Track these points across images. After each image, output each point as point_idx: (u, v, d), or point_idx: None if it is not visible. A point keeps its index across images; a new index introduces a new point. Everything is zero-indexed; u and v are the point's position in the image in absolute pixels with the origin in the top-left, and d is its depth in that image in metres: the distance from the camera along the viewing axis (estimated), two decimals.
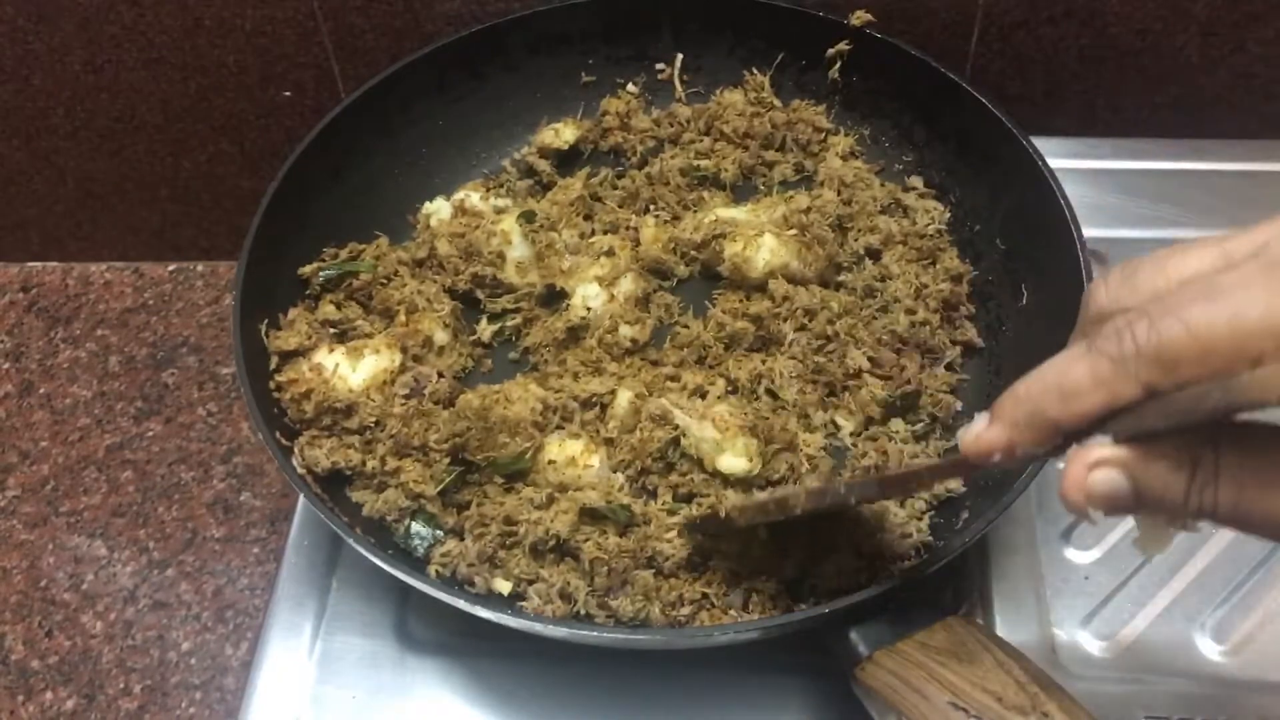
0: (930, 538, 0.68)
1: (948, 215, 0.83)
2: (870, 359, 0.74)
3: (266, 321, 0.75)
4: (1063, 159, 0.78)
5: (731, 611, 0.66)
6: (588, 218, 0.85)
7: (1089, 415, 0.41)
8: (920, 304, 0.77)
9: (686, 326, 0.79)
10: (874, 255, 0.81)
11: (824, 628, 0.61)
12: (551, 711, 0.69)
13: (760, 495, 0.69)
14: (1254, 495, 0.41)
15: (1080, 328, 0.45)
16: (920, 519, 0.69)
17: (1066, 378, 0.42)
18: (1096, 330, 0.41)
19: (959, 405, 0.75)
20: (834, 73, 0.88)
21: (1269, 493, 0.41)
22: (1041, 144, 0.76)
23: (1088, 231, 0.71)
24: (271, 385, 0.73)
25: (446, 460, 0.70)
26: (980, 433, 0.46)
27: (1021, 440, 0.45)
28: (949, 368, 0.76)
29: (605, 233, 0.84)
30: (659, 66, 0.92)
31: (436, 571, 0.68)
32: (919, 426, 0.74)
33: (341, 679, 0.71)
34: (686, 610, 0.66)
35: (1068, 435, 0.43)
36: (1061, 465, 0.44)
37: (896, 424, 0.73)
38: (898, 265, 0.79)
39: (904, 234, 0.81)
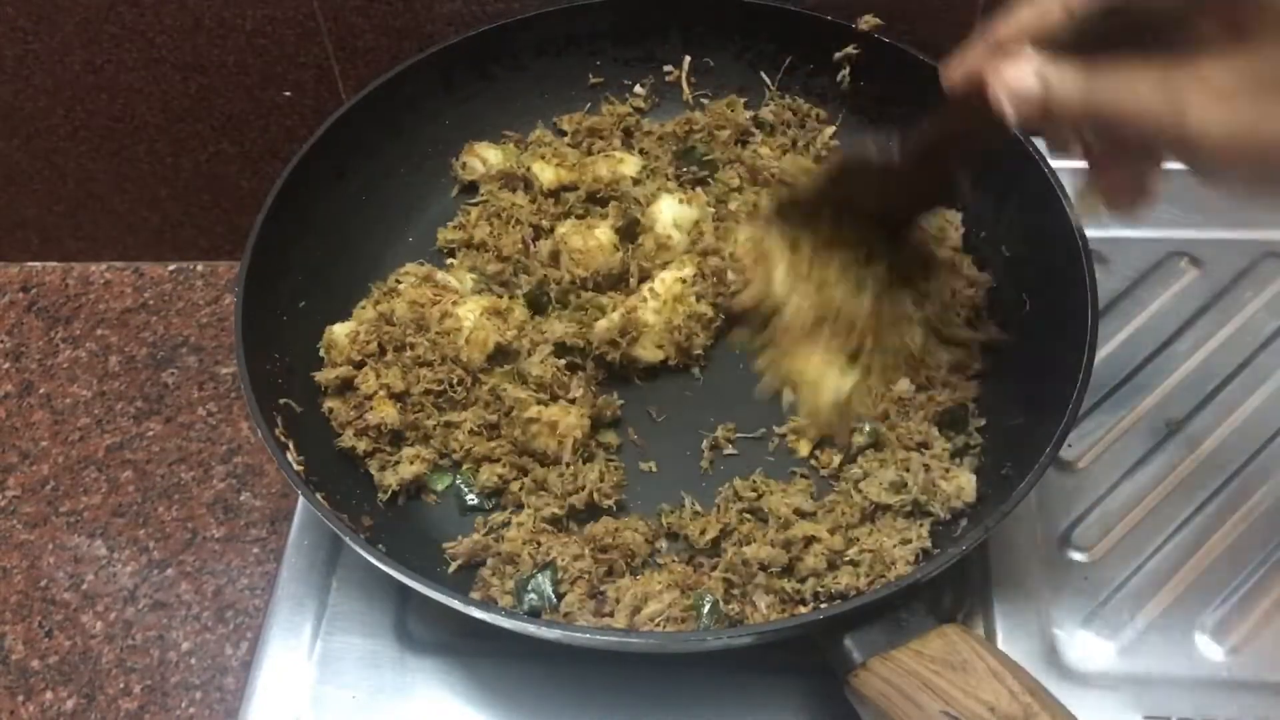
0: (929, 544, 0.68)
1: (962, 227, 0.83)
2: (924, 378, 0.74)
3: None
4: (1063, 159, 0.78)
5: (731, 611, 0.67)
6: None
7: (1017, 30, 0.50)
8: (953, 314, 0.77)
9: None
10: None
11: (819, 634, 0.61)
12: (551, 711, 0.69)
13: None
14: (1116, 85, 0.48)
15: None
16: (921, 525, 0.69)
17: (1012, 7, 0.51)
18: None
19: (982, 421, 0.74)
20: (843, 77, 0.88)
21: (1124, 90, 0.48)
22: (1041, 143, 0.77)
23: (1089, 232, 0.71)
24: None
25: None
26: (946, 72, 0.55)
27: (970, 64, 0.53)
28: (974, 376, 0.76)
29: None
30: (667, 68, 0.92)
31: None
32: (957, 441, 0.73)
33: (341, 679, 0.71)
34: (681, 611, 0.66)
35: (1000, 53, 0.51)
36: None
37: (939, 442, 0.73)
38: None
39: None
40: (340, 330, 0.78)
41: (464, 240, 0.85)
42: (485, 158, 0.88)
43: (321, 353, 0.78)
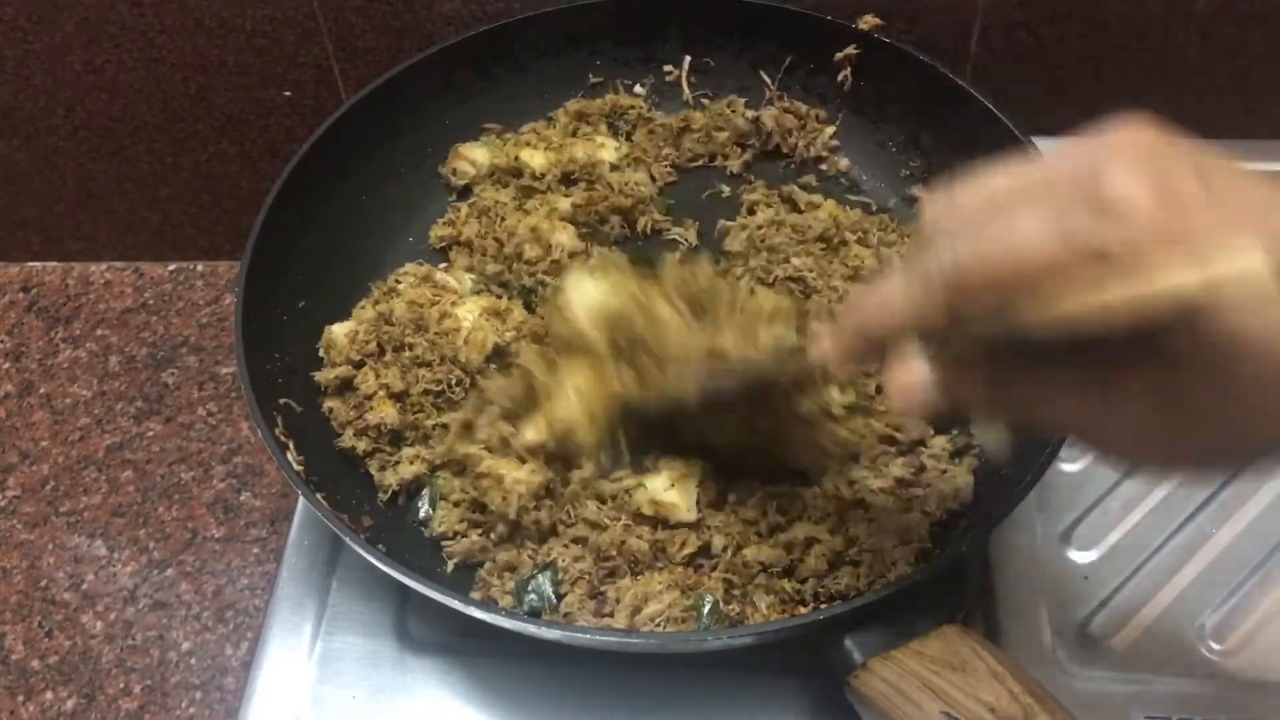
0: (930, 544, 0.68)
1: None
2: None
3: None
4: None
5: (731, 611, 0.67)
6: None
7: (901, 330, 0.46)
8: None
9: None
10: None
11: (819, 634, 0.61)
12: (551, 711, 0.69)
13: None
14: (1026, 406, 0.46)
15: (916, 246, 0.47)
16: (920, 525, 0.69)
17: (884, 296, 0.45)
18: (920, 251, 0.44)
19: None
20: (843, 77, 0.88)
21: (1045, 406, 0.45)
22: (1042, 144, 0.77)
23: None
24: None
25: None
26: (818, 342, 0.51)
27: (848, 345, 0.49)
28: None
29: None
30: (667, 68, 0.92)
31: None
32: (957, 441, 0.73)
33: (341, 679, 0.71)
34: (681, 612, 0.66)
35: (882, 345, 0.47)
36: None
37: (937, 440, 0.73)
38: None
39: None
40: (339, 330, 0.78)
41: (453, 237, 0.85)
42: (473, 158, 0.88)
43: (321, 353, 0.78)
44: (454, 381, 0.75)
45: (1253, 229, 0.38)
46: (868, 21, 0.85)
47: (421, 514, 0.72)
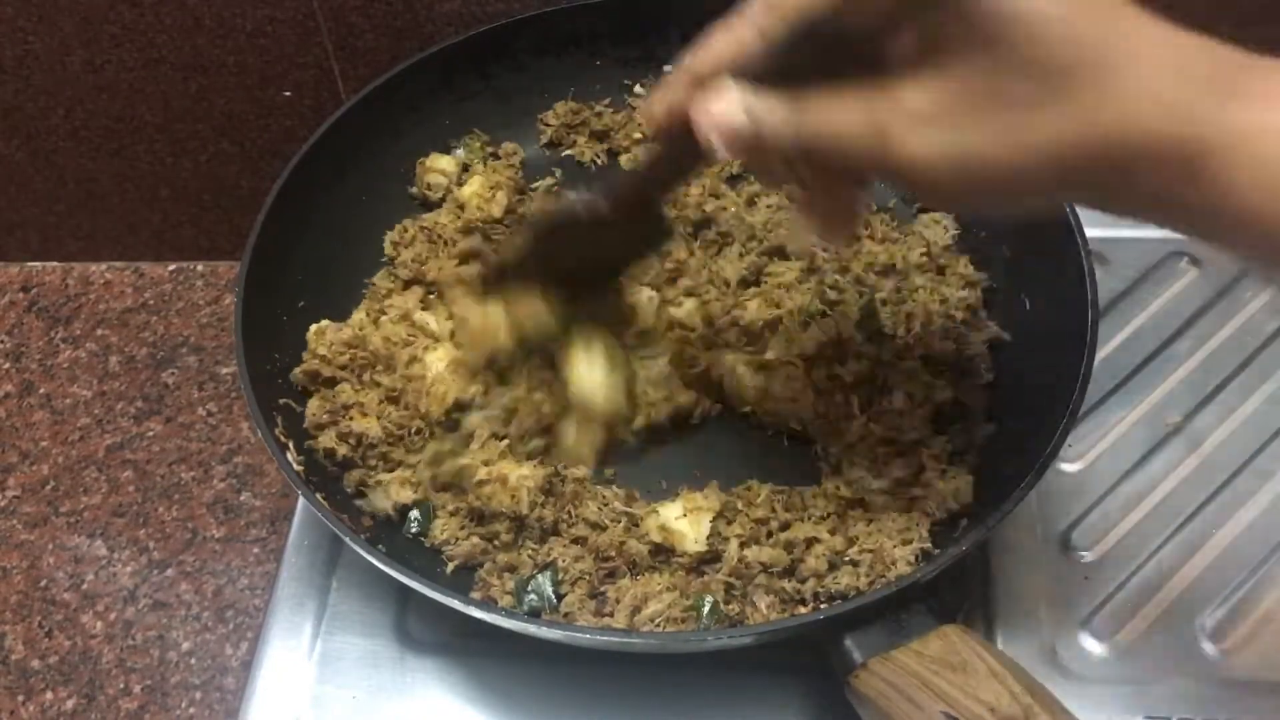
0: (930, 544, 0.68)
1: (956, 229, 0.83)
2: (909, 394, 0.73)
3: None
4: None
5: (731, 611, 0.67)
6: None
7: (716, 62, 0.49)
8: (947, 319, 0.76)
9: None
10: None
11: (819, 634, 0.61)
12: (551, 711, 0.69)
13: None
14: (821, 115, 0.46)
15: None
16: (920, 525, 0.69)
17: (707, 42, 0.50)
18: None
19: (992, 427, 0.74)
20: None
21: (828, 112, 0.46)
22: None
23: (1089, 232, 0.71)
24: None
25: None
26: (645, 108, 0.55)
27: (671, 99, 0.52)
28: (981, 385, 0.75)
29: None
30: (667, 69, 0.92)
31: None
32: (957, 441, 0.73)
33: (341, 679, 0.71)
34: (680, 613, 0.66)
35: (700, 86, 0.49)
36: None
37: (937, 440, 0.73)
38: (920, 289, 0.78)
39: (918, 259, 0.80)
40: (326, 328, 0.78)
41: (392, 258, 0.84)
42: (442, 168, 0.87)
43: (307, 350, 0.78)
44: (414, 430, 0.74)
45: None
46: None
47: (415, 529, 0.71)
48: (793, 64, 0.47)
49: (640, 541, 0.69)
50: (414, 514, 0.71)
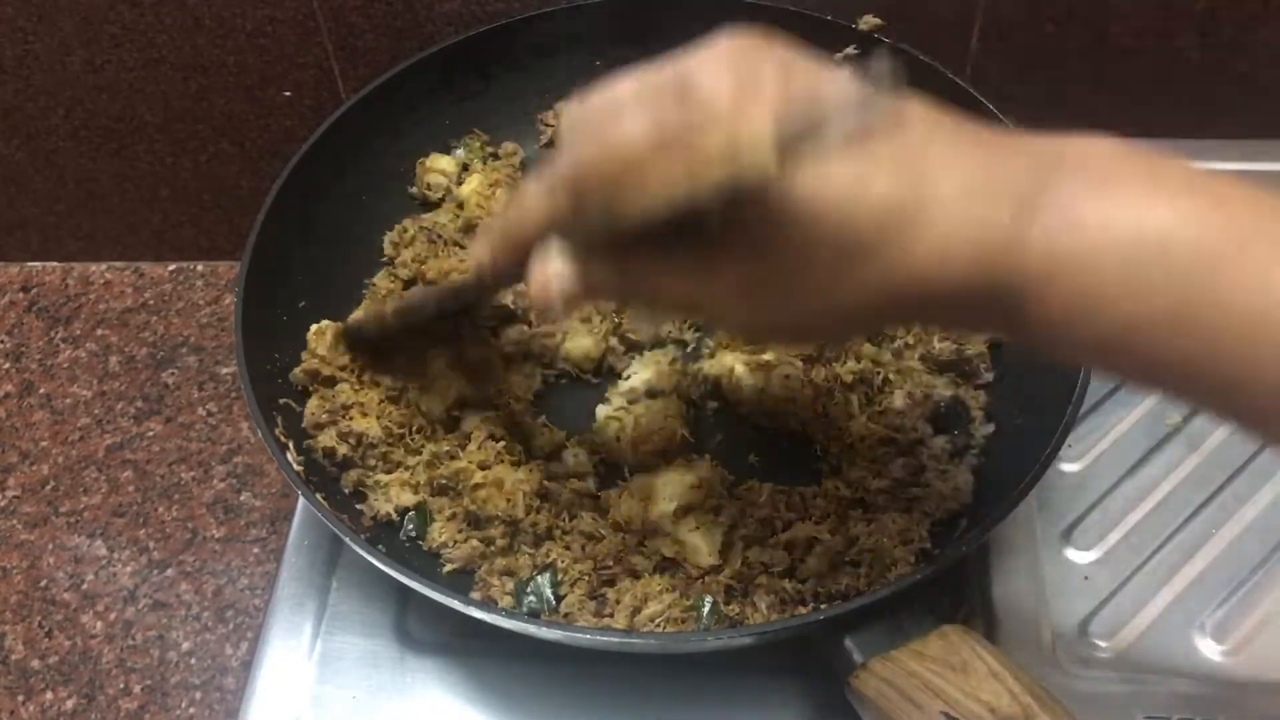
0: (929, 544, 0.68)
1: None
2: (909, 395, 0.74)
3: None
4: None
5: (731, 611, 0.67)
6: None
7: (536, 230, 0.49)
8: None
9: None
10: None
11: (819, 634, 0.61)
12: (551, 711, 0.69)
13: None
14: (646, 285, 0.49)
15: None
16: (920, 525, 0.69)
17: (521, 202, 0.50)
18: (554, 155, 0.48)
19: (991, 427, 0.74)
20: None
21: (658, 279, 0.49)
22: None
23: None
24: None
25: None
26: (475, 254, 0.55)
27: (496, 254, 0.53)
28: (980, 385, 0.75)
29: None
30: None
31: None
32: (957, 441, 0.73)
33: (341, 679, 0.71)
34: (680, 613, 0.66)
35: (525, 246, 0.50)
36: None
37: (937, 441, 0.73)
38: None
39: None
40: (326, 328, 0.78)
41: (392, 258, 0.84)
42: (442, 168, 0.87)
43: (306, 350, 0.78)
44: (415, 428, 0.74)
45: (772, 100, 0.41)
46: (868, 22, 0.85)
47: (413, 531, 0.71)
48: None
49: (648, 557, 0.69)
50: (410, 515, 0.71)
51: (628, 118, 0.43)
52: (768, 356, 0.75)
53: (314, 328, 0.78)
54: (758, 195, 0.42)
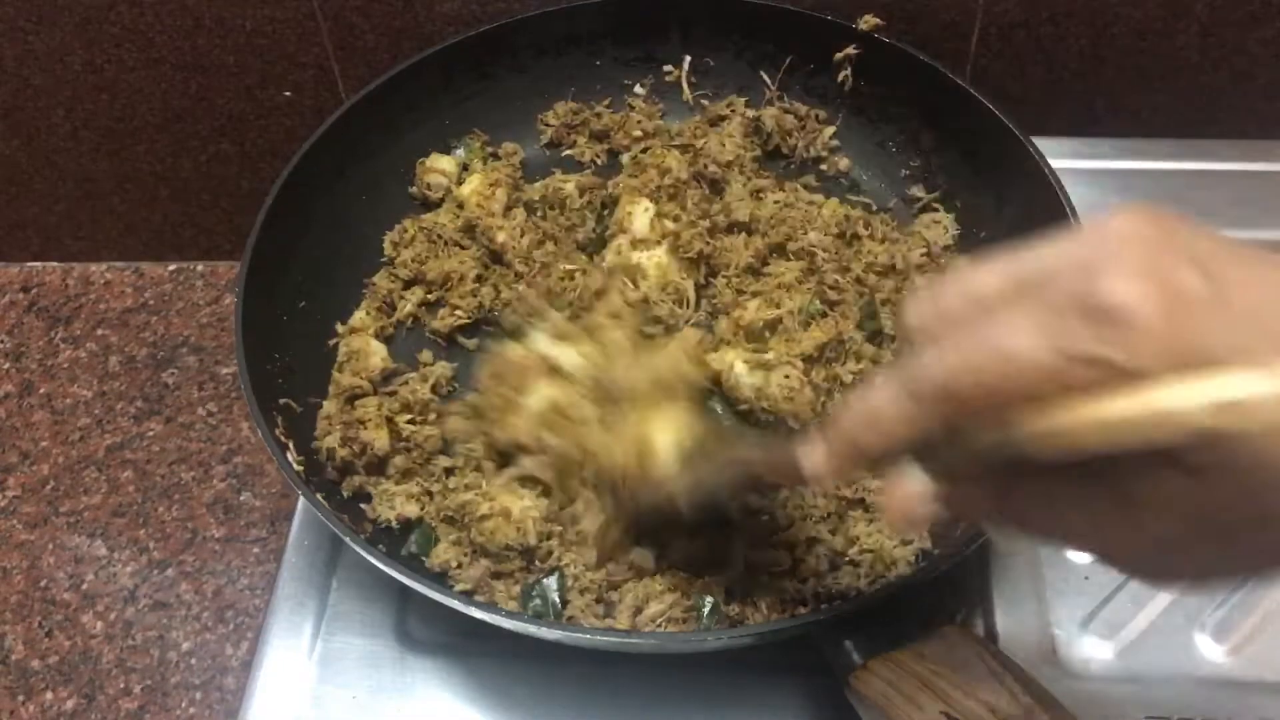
0: (929, 544, 0.68)
1: (956, 229, 0.83)
2: None
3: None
4: (1063, 159, 0.78)
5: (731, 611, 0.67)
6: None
7: (895, 446, 0.41)
8: None
9: None
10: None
11: (819, 634, 0.61)
12: (551, 711, 0.69)
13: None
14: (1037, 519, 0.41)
15: (900, 349, 0.44)
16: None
17: (874, 409, 0.41)
18: (906, 356, 0.40)
19: None
20: (843, 77, 0.88)
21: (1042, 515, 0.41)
22: (1042, 144, 0.76)
23: None
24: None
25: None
26: (810, 455, 0.46)
27: (837, 462, 0.45)
28: None
29: None
30: (667, 68, 0.92)
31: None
32: None
33: (341, 679, 0.71)
34: (680, 613, 0.66)
35: (880, 460, 0.43)
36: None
37: None
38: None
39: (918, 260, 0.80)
40: (378, 348, 0.78)
41: (392, 258, 0.84)
42: (442, 169, 0.87)
43: (341, 354, 0.78)
44: (422, 437, 0.74)
45: (1262, 336, 0.35)
46: (868, 21, 0.85)
47: (414, 548, 0.71)
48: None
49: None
50: (413, 537, 0.71)
51: (1015, 325, 0.36)
52: (768, 356, 0.75)
53: (362, 340, 0.78)
54: (1223, 441, 0.34)
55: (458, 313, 0.80)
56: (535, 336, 0.75)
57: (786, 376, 0.74)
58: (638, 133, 0.90)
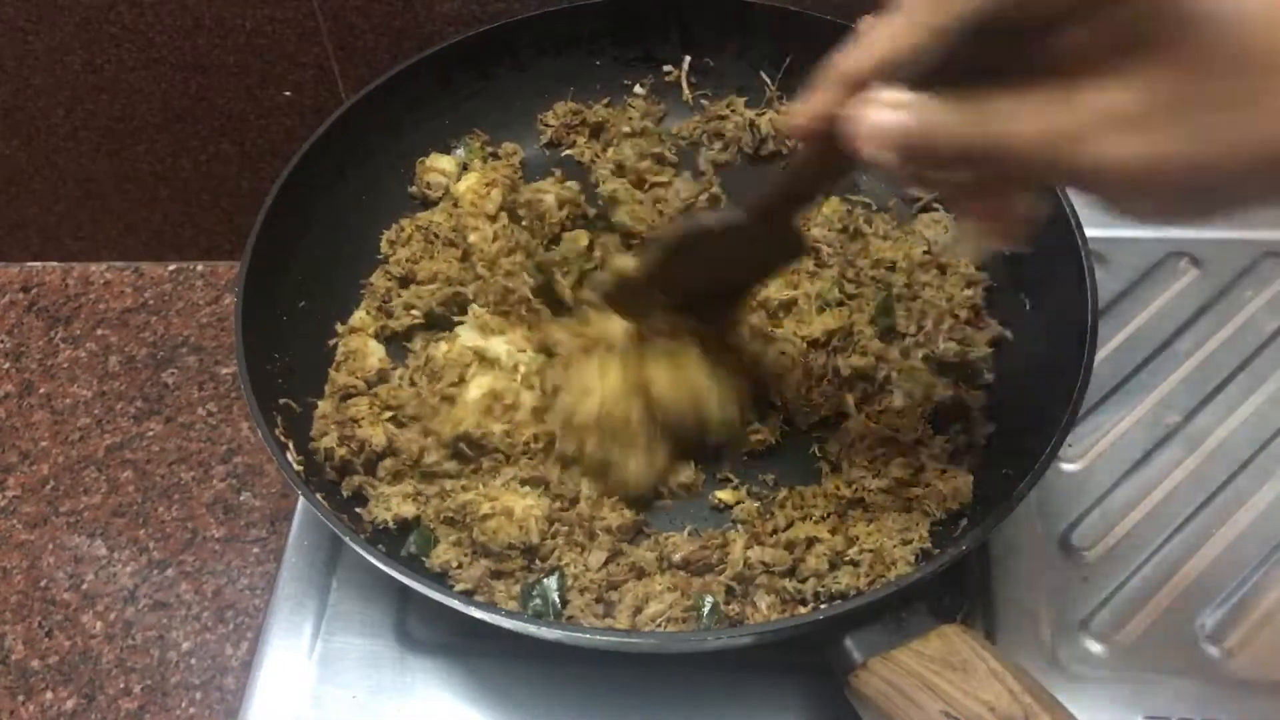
0: (929, 544, 0.68)
1: (956, 229, 0.82)
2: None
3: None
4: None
5: (731, 611, 0.67)
6: None
7: (876, 60, 0.44)
8: (951, 319, 0.76)
9: None
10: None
11: (819, 634, 0.61)
12: (551, 711, 0.69)
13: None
14: (1001, 121, 0.41)
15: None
16: (920, 525, 0.69)
17: (863, 31, 0.45)
18: None
19: (992, 427, 0.73)
20: None
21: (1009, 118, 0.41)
22: None
23: (1089, 231, 0.71)
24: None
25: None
26: (799, 105, 0.48)
27: (822, 97, 0.47)
28: (980, 385, 0.75)
29: None
30: (667, 68, 0.92)
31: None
32: (958, 441, 0.73)
33: (341, 679, 0.71)
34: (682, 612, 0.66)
35: (859, 84, 0.45)
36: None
37: (937, 440, 0.72)
38: (928, 285, 0.79)
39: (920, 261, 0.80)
40: (376, 348, 0.78)
41: (387, 256, 0.83)
42: (442, 168, 0.87)
43: (339, 353, 0.78)
44: (422, 433, 0.74)
45: None
46: (868, 22, 0.85)
47: (413, 549, 0.70)
48: (954, 65, 0.42)
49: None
50: (412, 538, 0.70)
51: None
52: (778, 331, 0.75)
53: (360, 341, 0.78)
54: None
55: (413, 312, 0.80)
56: (462, 331, 0.77)
57: (783, 353, 0.74)
58: (626, 129, 0.90)
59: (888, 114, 0.43)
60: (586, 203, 0.86)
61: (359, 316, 0.80)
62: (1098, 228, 0.73)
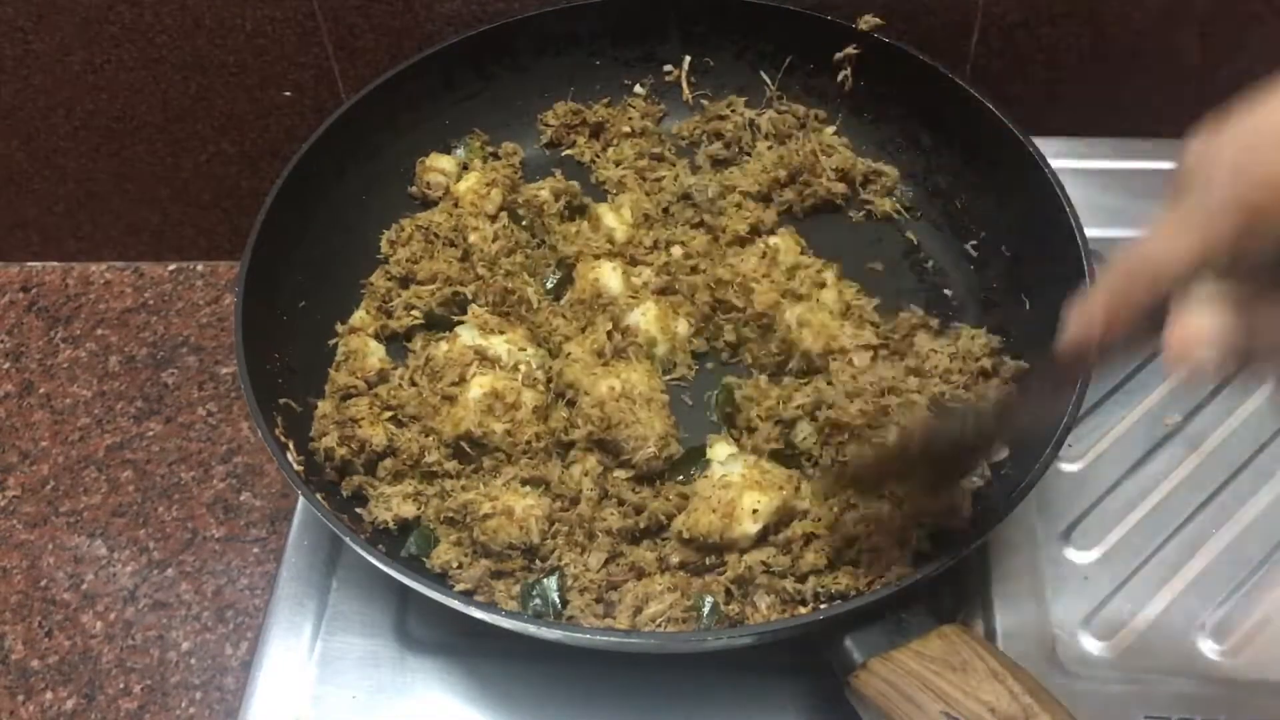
0: (929, 545, 0.68)
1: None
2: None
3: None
4: (1063, 159, 0.78)
5: (730, 611, 0.67)
6: None
7: (1183, 267, 0.40)
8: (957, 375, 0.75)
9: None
10: None
11: (819, 634, 0.61)
12: (551, 712, 0.69)
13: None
14: None
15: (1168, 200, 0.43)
16: (920, 526, 0.69)
17: (1162, 236, 0.41)
18: (1186, 192, 0.40)
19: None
20: (843, 77, 0.88)
21: None
22: (1041, 144, 0.77)
23: (1089, 231, 0.71)
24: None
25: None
26: (1077, 313, 0.44)
27: (1114, 304, 0.43)
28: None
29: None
30: (667, 68, 0.92)
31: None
32: None
33: (341, 679, 0.71)
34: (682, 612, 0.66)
35: (1162, 296, 0.42)
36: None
37: None
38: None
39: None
40: (376, 348, 0.78)
41: (387, 256, 0.84)
42: (442, 168, 0.87)
43: (339, 353, 0.78)
44: (422, 432, 0.74)
45: None
46: (868, 21, 0.85)
47: (413, 549, 0.71)
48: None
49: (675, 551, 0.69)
50: (412, 538, 0.70)
51: None
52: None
53: (360, 341, 0.78)
54: None
55: (413, 312, 0.80)
56: (462, 331, 0.77)
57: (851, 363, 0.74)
58: (627, 129, 0.90)
59: (1213, 334, 0.41)
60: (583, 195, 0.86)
61: (359, 316, 0.80)
62: (1098, 228, 0.73)
